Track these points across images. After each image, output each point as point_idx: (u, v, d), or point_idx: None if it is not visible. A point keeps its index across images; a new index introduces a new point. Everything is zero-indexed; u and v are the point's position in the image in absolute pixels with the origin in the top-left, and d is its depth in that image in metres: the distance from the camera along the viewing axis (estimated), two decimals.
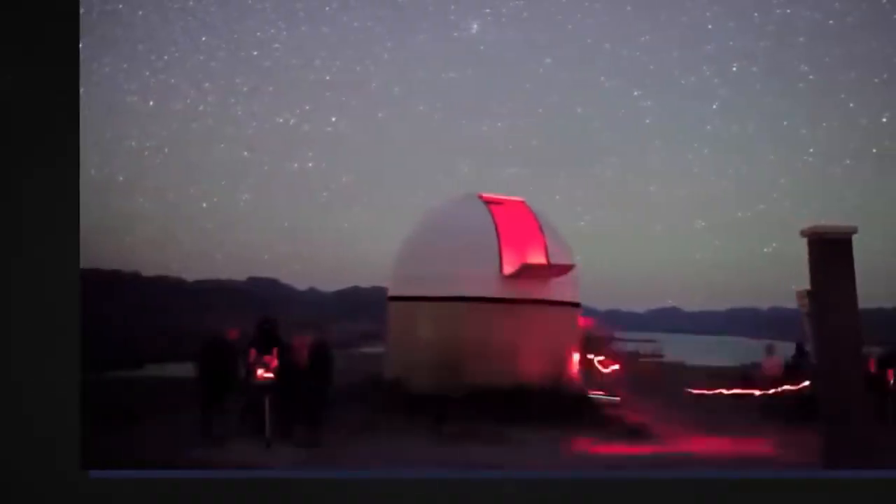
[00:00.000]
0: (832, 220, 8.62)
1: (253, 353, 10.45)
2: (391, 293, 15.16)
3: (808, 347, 9.10)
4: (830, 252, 8.29)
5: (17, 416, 4.50)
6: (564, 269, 14.01)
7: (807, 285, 8.36)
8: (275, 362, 10.34)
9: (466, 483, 5.20)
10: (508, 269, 13.70)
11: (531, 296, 13.70)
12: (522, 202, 15.19)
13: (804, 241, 8.39)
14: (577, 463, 9.14)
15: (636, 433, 11.59)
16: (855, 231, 8.28)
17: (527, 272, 13.65)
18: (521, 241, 14.25)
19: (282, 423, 10.22)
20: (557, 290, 14.08)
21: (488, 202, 14.74)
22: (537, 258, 14.08)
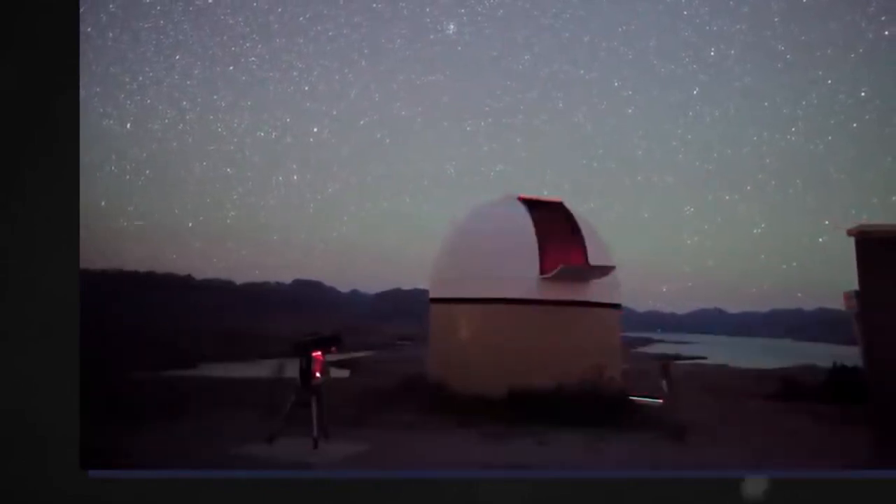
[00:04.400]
0: (822, 199, 8.31)
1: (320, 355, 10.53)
2: (432, 295, 15.14)
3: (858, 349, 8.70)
4: (879, 252, 7.98)
5: (17, 416, 4.57)
6: (604, 270, 13.74)
7: (809, 281, 8.07)
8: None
9: (467, 483, 5.11)
10: (548, 270, 13.52)
11: (571, 297, 13.52)
12: (561, 202, 14.98)
13: (795, 224, 8.12)
14: (612, 465, 8.91)
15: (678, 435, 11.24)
16: None
17: (566, 274, 13.44)
18: (561, 242, 14.05)
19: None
20: (597, 291, 13.83)
21: (527, 203, 14.59)
22: (577, 259, 13.86)
